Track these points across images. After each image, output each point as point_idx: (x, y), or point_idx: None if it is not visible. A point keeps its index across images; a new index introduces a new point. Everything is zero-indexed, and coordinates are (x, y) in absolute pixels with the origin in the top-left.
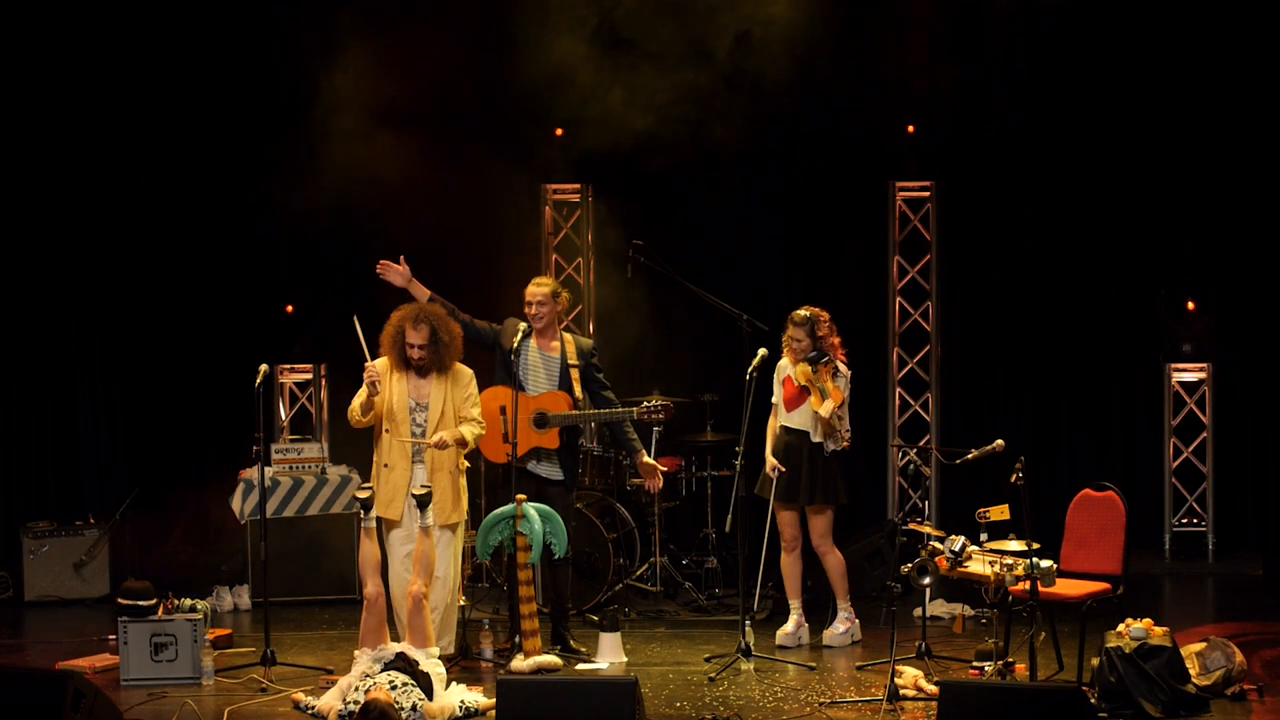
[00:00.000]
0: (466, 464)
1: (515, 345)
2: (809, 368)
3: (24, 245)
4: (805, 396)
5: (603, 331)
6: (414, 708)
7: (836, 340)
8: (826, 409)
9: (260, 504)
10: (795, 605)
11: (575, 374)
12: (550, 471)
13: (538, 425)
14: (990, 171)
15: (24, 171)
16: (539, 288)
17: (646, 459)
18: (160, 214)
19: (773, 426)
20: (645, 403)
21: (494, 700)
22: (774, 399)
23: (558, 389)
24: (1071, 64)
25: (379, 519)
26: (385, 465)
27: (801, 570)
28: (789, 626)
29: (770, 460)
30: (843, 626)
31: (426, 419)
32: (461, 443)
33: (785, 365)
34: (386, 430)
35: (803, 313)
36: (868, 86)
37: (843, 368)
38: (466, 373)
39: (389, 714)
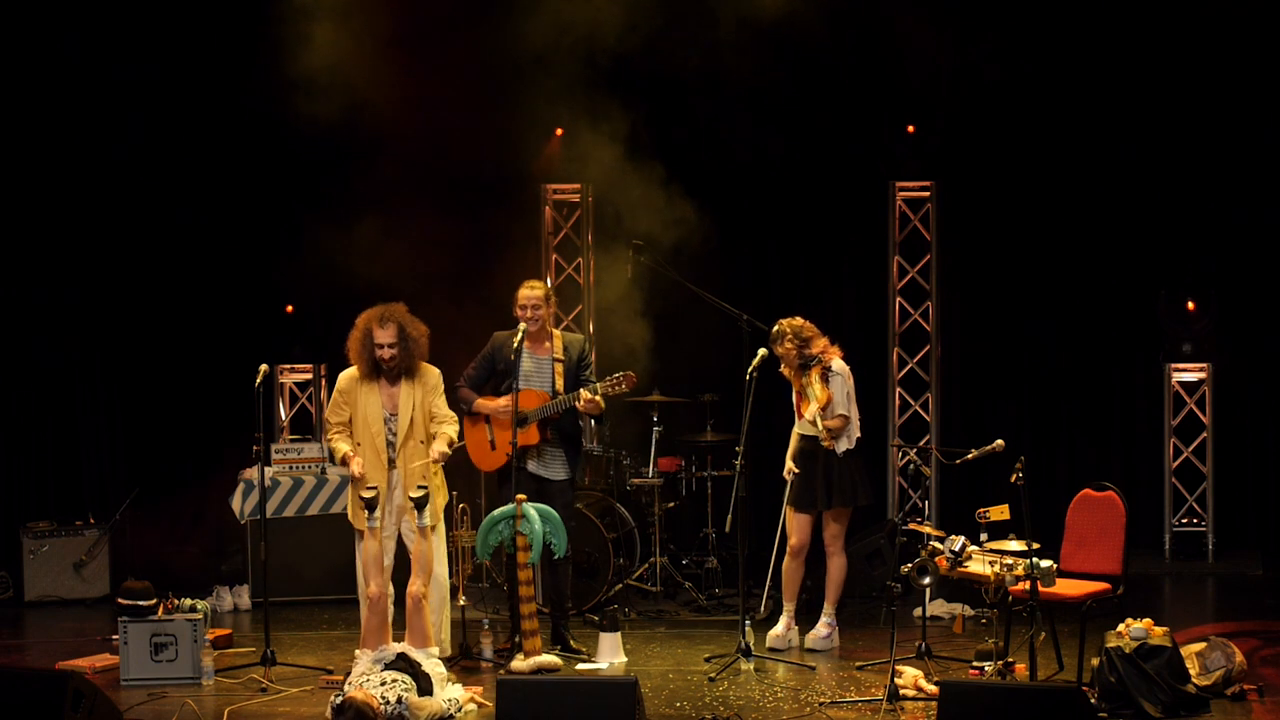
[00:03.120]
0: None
1: (515, 345)
2: (799, 373)
3: (24, 245)
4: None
5: (602, 331)
6: (399, 700)
7: (824, 341)
8: (811, 412)
9: (260, 504)
10: (789, 608)
11: (559, 367)
12: (553, 471)
13: (518, 425)
14: (990, 171)
15: (23, 171)
16: (533, 291)
17: (585, 393)
18: (160, 214)
19: (794, 431)
20: (609, 375)
21: (476, 692)
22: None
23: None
24: (1072, 64)
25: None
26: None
27: (802, 576)
28: (779, 628)
29: (788, 464)
30: (825, 631)
31: (397, 426)
32: (451, 443)
33: None
34: (358, 443)
35: (774, 330)
36: (868, 86)
37: (837, 365)
38: (434, 372)
39: (365, 713)
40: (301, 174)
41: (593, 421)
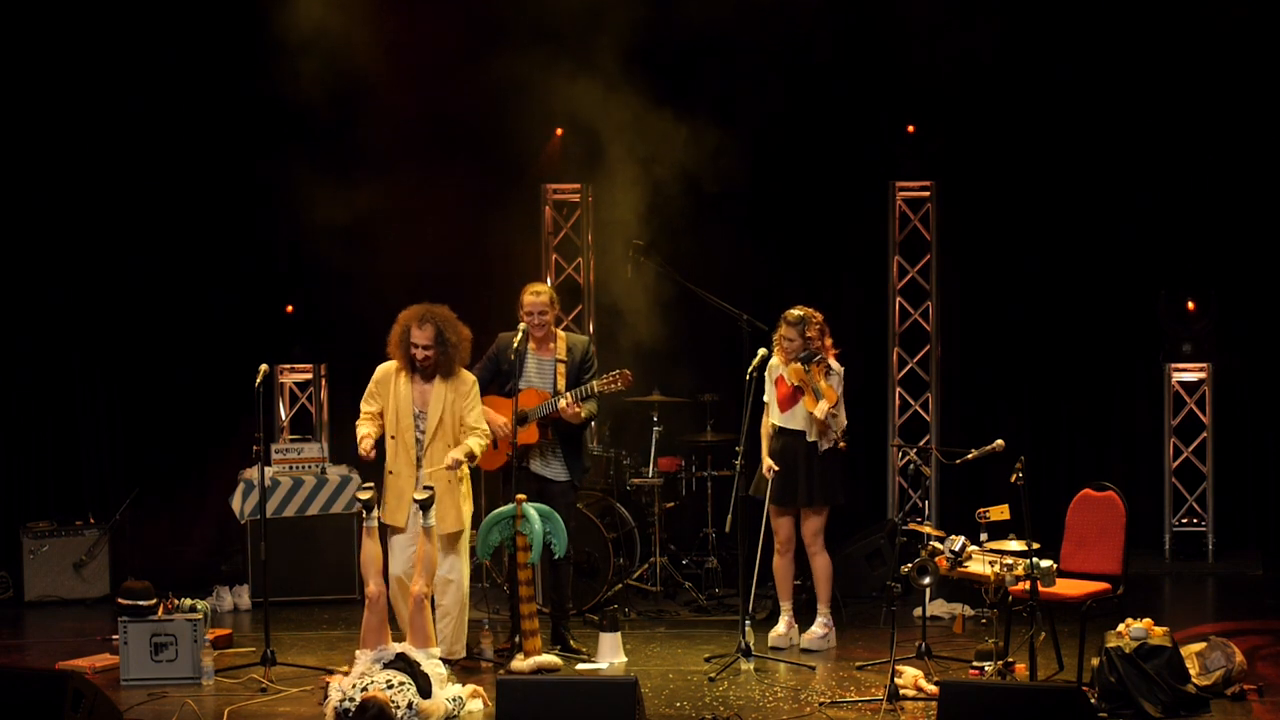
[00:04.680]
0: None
1: (516, 346)
2: (801, 368)
3: (24, 246)
4: (799, 397)
5: (602, 331)
6: (410, 705)
7: (828, 343)
8: (821, 409)
9: (260, 504)
10: (786, 607)
11: (562, 368)
12: (555, 472)
13: (518, 424)
14: (990, 171)
15: (23, 169)
16: (537, 297)
17: (561, 402)
18: (160, 214)
19: (766, 426)
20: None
21: (475, 688)
22: (765, 398)
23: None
24: (1072, 64)
25: (382, 523)
26: (390, 472)
27: (794, 573)
28: (780, 628)
29: (766, 461)
30: (821, 631)
31: (426, 425)
32: (470, 456)
33: (777, 364)
34: (392, 437)
35: (796, 312)
36: (868, 86)
37: (835, 365)
38: (469, 378)
39: (385, 712)
40: (302, 174)
41: (591, 422)
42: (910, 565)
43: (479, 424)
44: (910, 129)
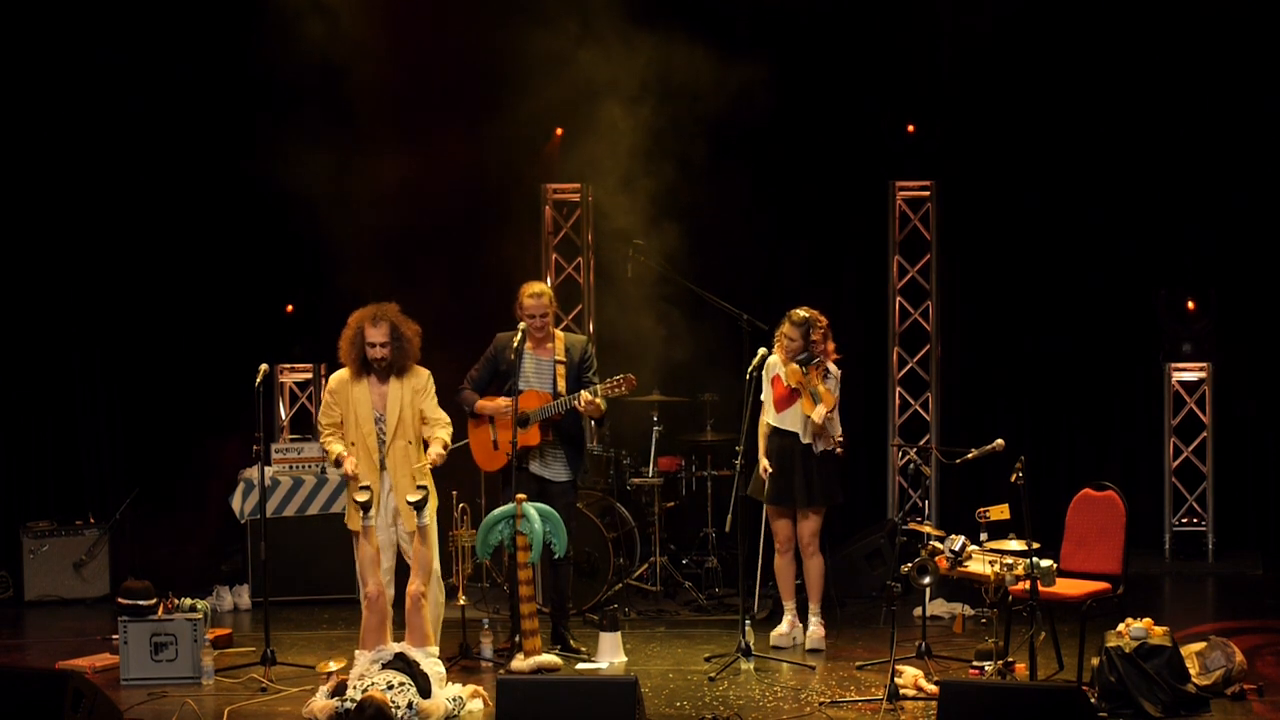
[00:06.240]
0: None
1: (515, 346)
2: (799, 369)
3: (24, 246)
4: (795, 398)
5: (602, 331)
6: (410, 705)
7: (830, 346)
8: (819, 413)
9: (260, 504)
10: (789, 606)
11: (561, 369)
12: (555, 473)
13: (520, 425)
14: (990, 171)
15: (23, 170)
16: (538, 299)
17: (585, 395)
18: (160, 213)
19: (763, 425)
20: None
21: (475, 688)
22: (762, 396)
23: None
24: (1072, 63)
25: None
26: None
27: (795, 571)
28: (783, 627)
29: (763, 461)
30: (822, 630)
31: (386, 426)
32: (446, 447)
33: (775, 364)
34: (352, 444)
35: (802, 313)
36: (868, 86)
37: (833, 368)
38: (424, 373)
39: (384, 712)
40: (302, 174)
41: (593, 422)
42: (910, 565)
43: (440, 415)
44: (910, 128)
